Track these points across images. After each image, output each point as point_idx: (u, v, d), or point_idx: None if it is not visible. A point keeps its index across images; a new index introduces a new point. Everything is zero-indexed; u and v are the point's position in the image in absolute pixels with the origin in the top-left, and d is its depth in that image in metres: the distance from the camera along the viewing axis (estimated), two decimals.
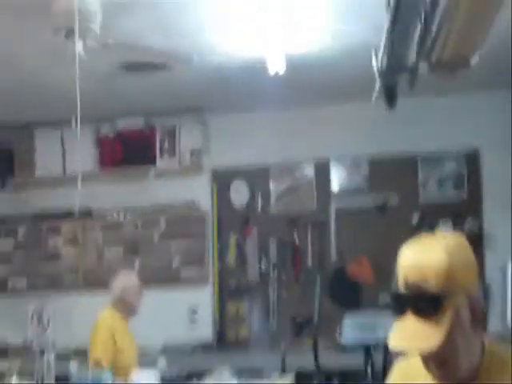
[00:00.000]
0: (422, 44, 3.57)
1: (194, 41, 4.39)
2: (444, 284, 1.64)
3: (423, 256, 1.68)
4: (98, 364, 4.50)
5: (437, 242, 1.72)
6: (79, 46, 3.82)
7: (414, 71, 3.81)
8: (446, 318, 1.64)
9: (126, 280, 4.87)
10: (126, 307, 4.82)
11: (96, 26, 3.85)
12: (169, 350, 5.87)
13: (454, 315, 1.64)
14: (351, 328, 4.61)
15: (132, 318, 6.07)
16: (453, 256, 1.67)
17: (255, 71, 4.78)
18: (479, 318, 1.70)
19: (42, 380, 4.44)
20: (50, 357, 4.50)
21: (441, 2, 3.11)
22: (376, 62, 3.83)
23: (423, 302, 1.65)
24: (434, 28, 3.39)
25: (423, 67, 3.74)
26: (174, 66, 4.84)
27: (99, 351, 4.57)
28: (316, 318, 5.14)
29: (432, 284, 1.64)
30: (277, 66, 4.48)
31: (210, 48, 4.53)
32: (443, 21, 3.32)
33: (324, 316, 5.40)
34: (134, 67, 4.86)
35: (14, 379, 4.36)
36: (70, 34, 3.79)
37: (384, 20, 3.90)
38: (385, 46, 3.62)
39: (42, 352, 5.95)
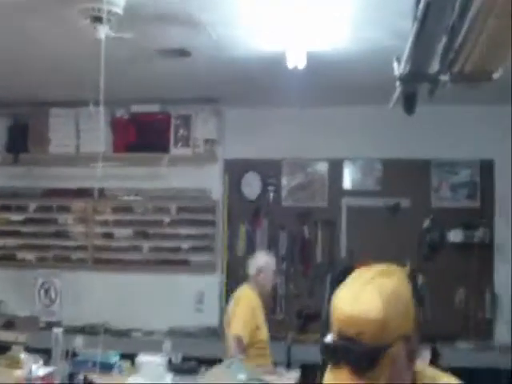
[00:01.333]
0: (445, 55, 3.54)
1: (217, 32, 4.35)
2: (380, 337, 1.56)
3: (358, 308, 1.58)
4: (239, 340, 4.58)
5: (371, 288, 1.61)
6: (103, 31, 3.81)
7: (435, 81, 3.78)
8: (383, 372, 1.56)
9: (262, 261, 4.96)
10: (261, 287, 4.91)
11: (120, 10, 3.84)
12: (174, 334, 5.93)
13: (391, 366, 1.57)
14: None
15: (139, 301, 6.17)
16: (389, 305, 1.58)
17: (275, 66, 4.75)
18: (414, 355, 1.64)
19: (50, 354, 4.44)
20: (59, 331, 4.50)
21: (468, 15, 3.08)
22: (398, 69, 3.80)
23: (358, 355, 1.57)
24: (459, 40, 3.36)
25: (444, 77, 3.72)
26: (194, 54, 4.80)
27: (241, 328, 4.63)
28: (325, 315, 5.15)
29: (367, 338, 1.56)
30: (296, 60, 4.43)
31: (231, 40, 4.49)
32: (469, 33, 3.29)
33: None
34: (154, 53, 4.83)
35: (23, 355, 4.35)
36: (94, 18, 3.79)
37: (405, 28, 3.90)
38: (408, 54, 3.59)
39: (49, 325, 6.06)
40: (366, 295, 1.60)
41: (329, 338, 1.65)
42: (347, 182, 6.26)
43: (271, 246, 6.23)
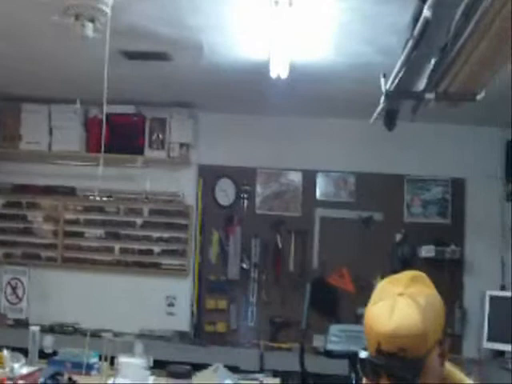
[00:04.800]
0: (432, 73, 3.46)
1: (198, 36, 4.19)
2: (421, 349, 1.58)
3: (396, 324, 1.58)
4: None
5: (405, 301, 1.61)
6: (90, 29, 3.63)
7: (419, 99, 3.70)
8: (425, 380, 1.59)
9: None
10: None
11: (108, 9, 3.65)
12: (145, 337, 5.76)
13: (429, 373, 1.60)
14: (337, 337, 4.60)
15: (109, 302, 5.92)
16: (426, 316, 1.59)
17: (257, 75, 4.63)
18: (445, 356, 1.66)
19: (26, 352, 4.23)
20: (36, 329, 4.32)
21: (463, 36, 2.98)
22: (384, 85, 3.70)
23: (402, 370, 1.58)
24: (448, 60, 3.27)
25: (429, 95, 3.63)
26: (175, 58, 4.63)
27: None
28: (304, 324, 5.08)
29: (410, 352, 1.58)
30: (279, 70, 4.29)
31: (215, 47, 4.34)
32: (459, 54, 3.19)
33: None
34: (134, 55, 4.65)
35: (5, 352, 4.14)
36: (79, 16, 3.59)
37: (391, 44, 3.80)
38: (397, 71, 3.48)
39: (16, 323, 5.85)
40: (402, 310, 1.60)
41: (364, 354, 1.65)
42: (321, 193, 6.16)
43: (244, 253, 6.12)
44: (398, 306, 1.60)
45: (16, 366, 3.94)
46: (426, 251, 5.67)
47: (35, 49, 4.64)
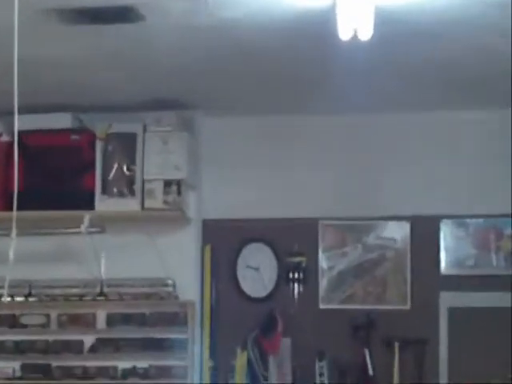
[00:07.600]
0: None
1: None
2: None
3: None
4: None
5: None
6: None
7: None
8: None
9: None
10: None
11: None
12: None
13: None
14: None
15: None
16: None
17: (306, 37, 4.84)
18: None
19: None
20: None
21: None
22: None
23: None
24: None
25: None
26: (146, 16, 4.79)
27: None
28: None
29: None
30: (356, 25, 4.40)
31: None
32: None
33: None
34: (72, 15, 4.83)
35: None
36: None
37: None
38: None
39: None
40: None
41: None
42: (450, 262, 6.33)
43: None
44: None
45: None
46: None
47: None
